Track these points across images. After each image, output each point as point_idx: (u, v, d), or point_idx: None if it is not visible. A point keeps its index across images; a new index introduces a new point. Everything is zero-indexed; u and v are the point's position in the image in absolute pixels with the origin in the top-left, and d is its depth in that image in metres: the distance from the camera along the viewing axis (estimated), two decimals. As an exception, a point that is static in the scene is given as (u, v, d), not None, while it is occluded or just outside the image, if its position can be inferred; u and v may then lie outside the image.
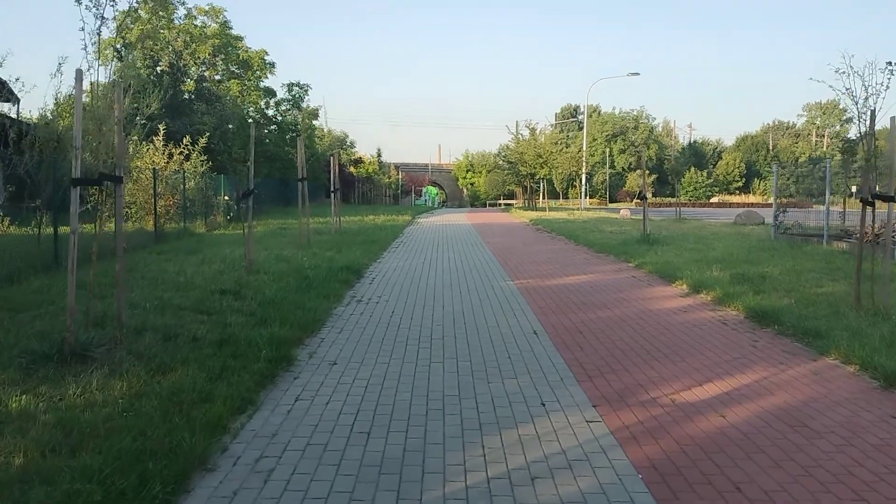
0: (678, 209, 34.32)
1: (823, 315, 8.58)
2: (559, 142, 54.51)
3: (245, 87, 46.02)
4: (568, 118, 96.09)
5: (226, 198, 26.45)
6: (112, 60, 39.76)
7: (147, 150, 22.22)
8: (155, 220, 17.90)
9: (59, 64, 10.25)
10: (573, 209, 50.32)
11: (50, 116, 15.66)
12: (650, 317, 9.13)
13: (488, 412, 5.31)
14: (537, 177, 51.56)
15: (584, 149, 54.49)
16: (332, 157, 23.10)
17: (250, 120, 45.36)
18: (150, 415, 4.82)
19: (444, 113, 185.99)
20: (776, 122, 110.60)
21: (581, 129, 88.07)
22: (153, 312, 8.17)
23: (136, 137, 21.01)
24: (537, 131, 51.98)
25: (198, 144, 23.25)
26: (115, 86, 6.88)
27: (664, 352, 7.27)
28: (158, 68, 39.83)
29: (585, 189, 57.98)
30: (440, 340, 7.71)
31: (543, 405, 5.50)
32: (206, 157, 23.58)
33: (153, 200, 18.09)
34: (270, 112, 50.35)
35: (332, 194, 22.93)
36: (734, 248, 16.92)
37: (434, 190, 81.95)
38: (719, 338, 7.92)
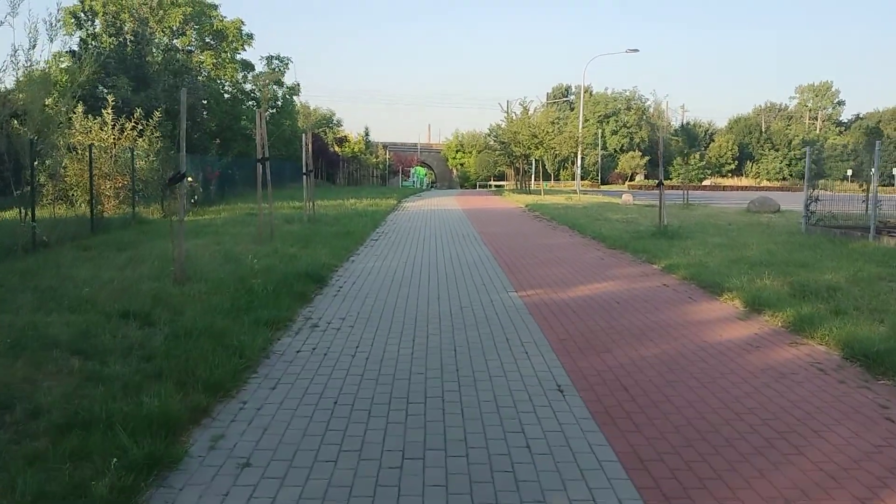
0: (685, 194, 31.90)
1: (952, 356, 6.15)
2: (556, 121, 51.72)
3: (220, 60, 42.85)
4: (560, 98, 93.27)
5: (189, 179, 23.64)
6: (74, 30, 36.72)
7: (94, 124, 19.49)
8: (91, 205, 15.17)
9: None
10: (569, 192, 47.70)
11: None
12: (714, 358, 6.60)
13: None
14: (532, 157, 48.89)
15: (580, 128, 51.78)
16: (304, 134, 20.37)
17: (226, 95, 42.31)
18: None
19: (434, 93, 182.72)
20: (768, 104, 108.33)
21: (572, 109, 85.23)
22: (3, 354, 5.57)
23: (78, 108, 18.32)
24: (530, 111, 49.15)
25: (152, 119, 20.44)
26: None
27: (762, 432, 4.76)
28: (123, 37, 36.75)
29: (580, 171, 55.20)
30: (421, 406, 5.15)
31: (606, 589, 2.98)
32: (159, 134, 20.73)
33: (89, 182, 15.36)
34: (248, 87, 47.18)
35: (305, 176, 20.24)
36: (769, 244, 14.47)
37: (423, 170, 79.26)
38: (829, 400, 5.42)
